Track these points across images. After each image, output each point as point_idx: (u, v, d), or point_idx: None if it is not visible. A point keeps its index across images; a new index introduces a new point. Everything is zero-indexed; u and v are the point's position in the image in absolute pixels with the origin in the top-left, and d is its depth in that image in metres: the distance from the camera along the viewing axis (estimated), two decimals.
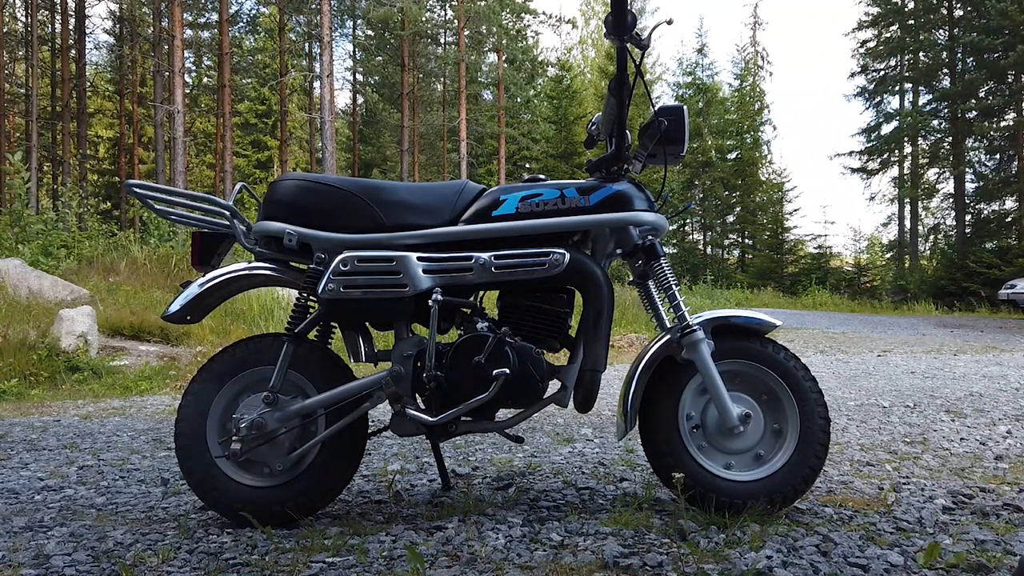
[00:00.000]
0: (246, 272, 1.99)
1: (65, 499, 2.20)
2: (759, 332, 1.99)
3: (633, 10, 1.79)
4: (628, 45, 1.84)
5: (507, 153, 27.50)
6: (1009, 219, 21.15)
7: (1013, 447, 2.87)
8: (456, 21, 25.50)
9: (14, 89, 25.52)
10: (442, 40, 29.67)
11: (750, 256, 28.22)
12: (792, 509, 1.97)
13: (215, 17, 26.25)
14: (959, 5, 21.83)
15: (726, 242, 30.28)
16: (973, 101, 21.22)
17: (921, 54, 23.60)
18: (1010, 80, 20.27)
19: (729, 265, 28.91)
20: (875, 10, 24.81)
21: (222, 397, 1.91)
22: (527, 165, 29.82)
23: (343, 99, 34.27)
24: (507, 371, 1.81)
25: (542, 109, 30.48)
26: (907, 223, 26.56)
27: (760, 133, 29.90)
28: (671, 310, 1.96)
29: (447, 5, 28.19)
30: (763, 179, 28.85)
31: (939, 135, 23.38)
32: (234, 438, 1.83)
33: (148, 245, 9.94)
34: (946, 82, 22.69)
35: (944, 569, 1.57)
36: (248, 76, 29.07)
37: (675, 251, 28.69)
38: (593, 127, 2.17)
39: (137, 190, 1.92)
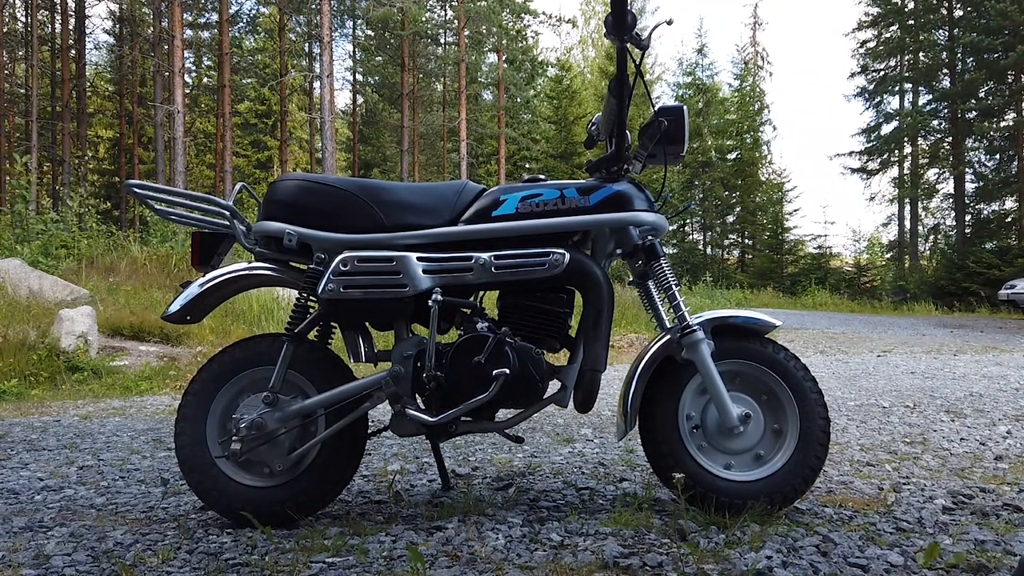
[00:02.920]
0: (246, 272, 1.99)
1: (65, 499, 2.20)
2: (759, 332, 1.99)
3: (633, 10, 1.79)
4: (628, 45, 1.84)
5: (507, 153, 27.50)
6: (1009, 219, 21.15)
7: (1013, 447, 2.87)
8: (456, 21, 25.51)
9: (14, 89, 25.52)
10: (442, 40, 29.66)
11: (750, 256, 28.22)
12: (792, 509, 1.97)
13: (215, 17, 26.26)
14: (959, 5, 21.84)
15: (726, 242, 30.27)
16: (973, 101, 21.22)
17: (921, 54, 23.60)
18: (1010, 80, 20.27)
19: (729, 265, 28.90)
20: (875, 10, 24.82)
21: (222, 397, 1.91)
22: (527, 165, 29.83)
23: (343, 99, 34.30)
24: (507, 371, 1.81)
25: (542, 109, 30.49)
26: (907, 223, 26.57)
27: (760, 133, 29.90)
28: (671, 310, 1.96)
29: (447, 5, 28.19)
30: (763, 179, 28.86)
31: (939, 135, 23.38)
32: (234, 438, 1.83)
33: (148, 245, 9.94)
34: (946, 82, 22.69)
35: (944, 569, 1.57)
36: (248, 76, 29.06)
37: (675, 251, 28.69)
38: (593, 127, 2.17)
39: (137, 190, 1.92)
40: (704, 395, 1.94)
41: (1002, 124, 21.28)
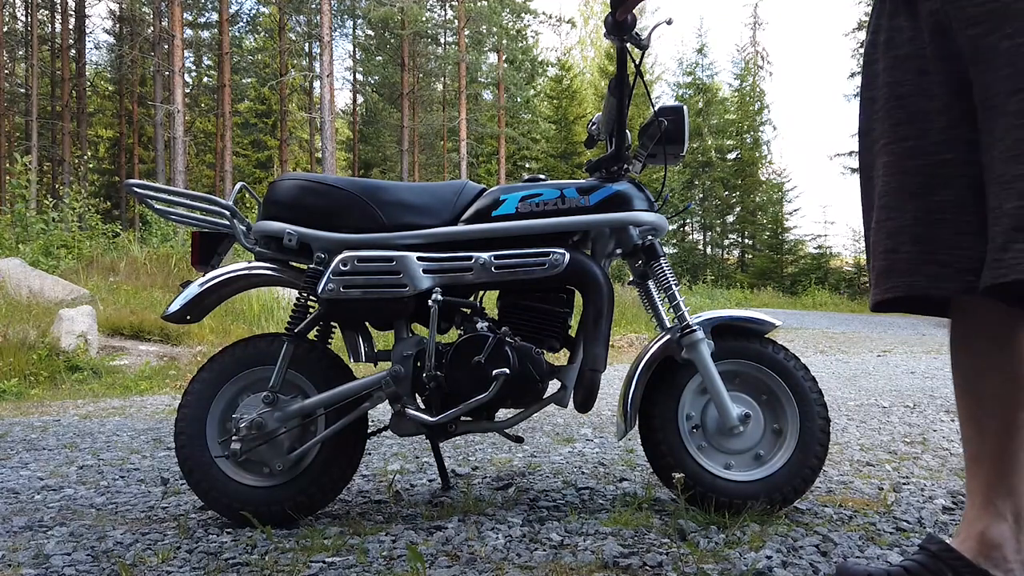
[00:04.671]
0: (246, 272, 1.99)
1: (65, 499, 2.20)
2: (759, 332, 1.99)
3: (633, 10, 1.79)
4: (628, 45, 1.84)
5: (507, 153, 27.52)
6: None
7: None
8: (456, 21, 25.53)
9: (14, 89, 25.52)
10: (442, 40, 29.69)
11: (750, 256, 28.22)
12: (792, 509, 1.97)
13: (215, 17, 26.27)
14: None
15: (726, 242, 30.28)
16: None
17: None
18: None
19: (729, 265, 28.91)
20: None
21: (222, 397, 1.91)
22: (527, 165, 29.84)
23: (343, 99, 34.31)
24: (507, 371, 1.81)
25: (542, 109, 30.50)
26: None
27: (760, 133, 29.90)
28: (671, 310, 1.96)
29: (447, 5, 28.22)
30: (763, 179, 28.86)
31: None
32: (234, 438, 1.83)
33: (148, 245, 9.95)
34: None
35: None
36: (248, 76, 29.07)
37: (675, 251, 28.69)
38: (593, 127, 2.17)
39: (137, 190, 1.93)
40: (704, 395, 1.94)
41: None
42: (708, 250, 30.69)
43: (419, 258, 1.87)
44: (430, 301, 1.83)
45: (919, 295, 1.25)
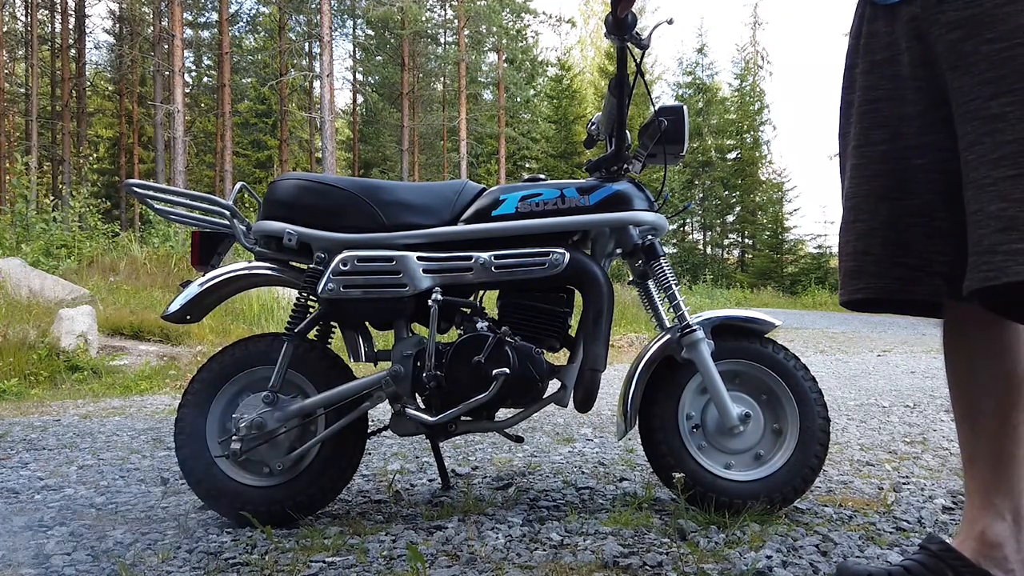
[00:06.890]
0: (246, 272, 1.99)
1: (65, 499, 2.20)
2: (759, 332, 1.99)
3: (633, 9, 1.79)
4: (628, 45, 1.84)
5: (507, 153, 27.52)
6: None
7: None
8: (456, 21, 25.53)
9: (14, 89, 25.52)
10: (442, 40, 29.69)
11: (750, 256, 28.22)
12: (792, 509, 1.97)
13: (215, 17, 26.26)
14: None
15: (726, 242, 30.28)
16: None
17: None
18: None
19: (729, 265, 28.91)
20: None
21: (222, 397, 1.91)
22: (527, 165, 29.83)
23: (343, 99, 34.30)
24: (507, 371, 1.81)
25: (542, 109, 30.49)
26: None
27: (760, 133, 29.89)
28: (671, 310, 1.96)
29: (447, 5, 28.21)
30: (763, 179, 28.86)
31: None
32: (234, 438, 1.83)
33: (148, 245, 9.95)
34: None
35: None
36: (248, 76, 29.05)
37: (675, 251, 28.69)
38: (593, 127, 2.17)
39: (137, 190, 1.93)
40: (704, 395, 1.94)
41: None
42: (708, 250, 30.68)
43: (419, 258, 1.87)
44: (430, 301, 1.83)
45: (888, 297, 1.26)
